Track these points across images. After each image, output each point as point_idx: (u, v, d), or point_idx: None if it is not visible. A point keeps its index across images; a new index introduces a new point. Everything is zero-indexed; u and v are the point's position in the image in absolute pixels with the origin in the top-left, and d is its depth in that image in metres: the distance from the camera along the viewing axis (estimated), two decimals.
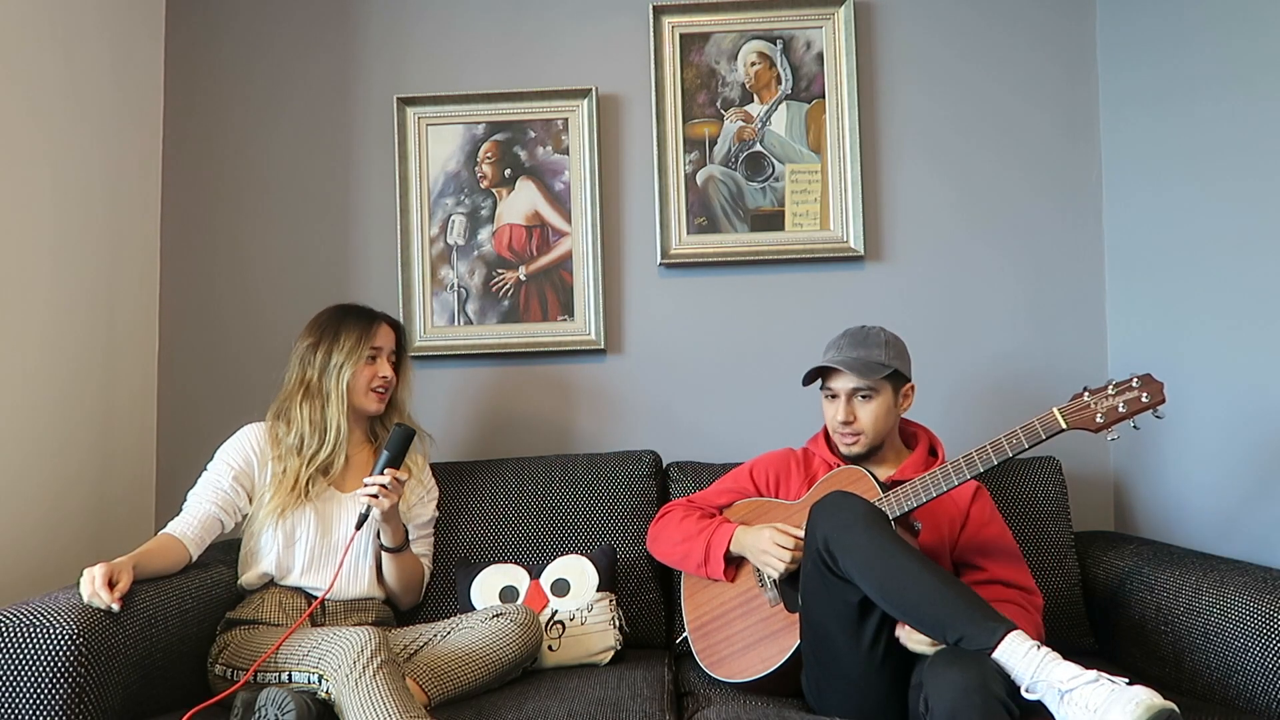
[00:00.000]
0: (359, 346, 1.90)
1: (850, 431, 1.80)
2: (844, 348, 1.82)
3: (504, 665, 1.71)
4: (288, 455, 1.87)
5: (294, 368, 1.93)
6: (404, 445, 1.84)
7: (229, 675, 1.67)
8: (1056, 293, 2.36)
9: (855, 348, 1.81)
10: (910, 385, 1.86)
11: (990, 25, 2.40)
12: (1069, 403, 1.64)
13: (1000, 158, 2.39)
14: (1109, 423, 1.61)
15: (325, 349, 1.90)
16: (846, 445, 1.82)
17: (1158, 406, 1.60)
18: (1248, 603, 1.61)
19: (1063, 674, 1.26)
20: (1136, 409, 1.60)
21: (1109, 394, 1.62)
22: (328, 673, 1.50)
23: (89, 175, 2.11)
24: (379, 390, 1.93)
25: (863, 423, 1.79)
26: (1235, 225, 1.91)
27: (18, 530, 1.87)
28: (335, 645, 1.53)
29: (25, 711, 1.39)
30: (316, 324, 1.95)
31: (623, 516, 2.10)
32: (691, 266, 2.39)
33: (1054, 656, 1.30)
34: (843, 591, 1.49)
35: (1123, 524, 2.31)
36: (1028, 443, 1.63)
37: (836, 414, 1.81)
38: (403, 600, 1.96)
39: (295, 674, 1.57)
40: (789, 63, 2.40)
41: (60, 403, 2.00)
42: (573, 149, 2.40)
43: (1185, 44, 2.06)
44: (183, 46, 2.44)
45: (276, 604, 1.81)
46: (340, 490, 1.91)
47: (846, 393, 1.79)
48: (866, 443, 1.81)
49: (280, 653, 1.60)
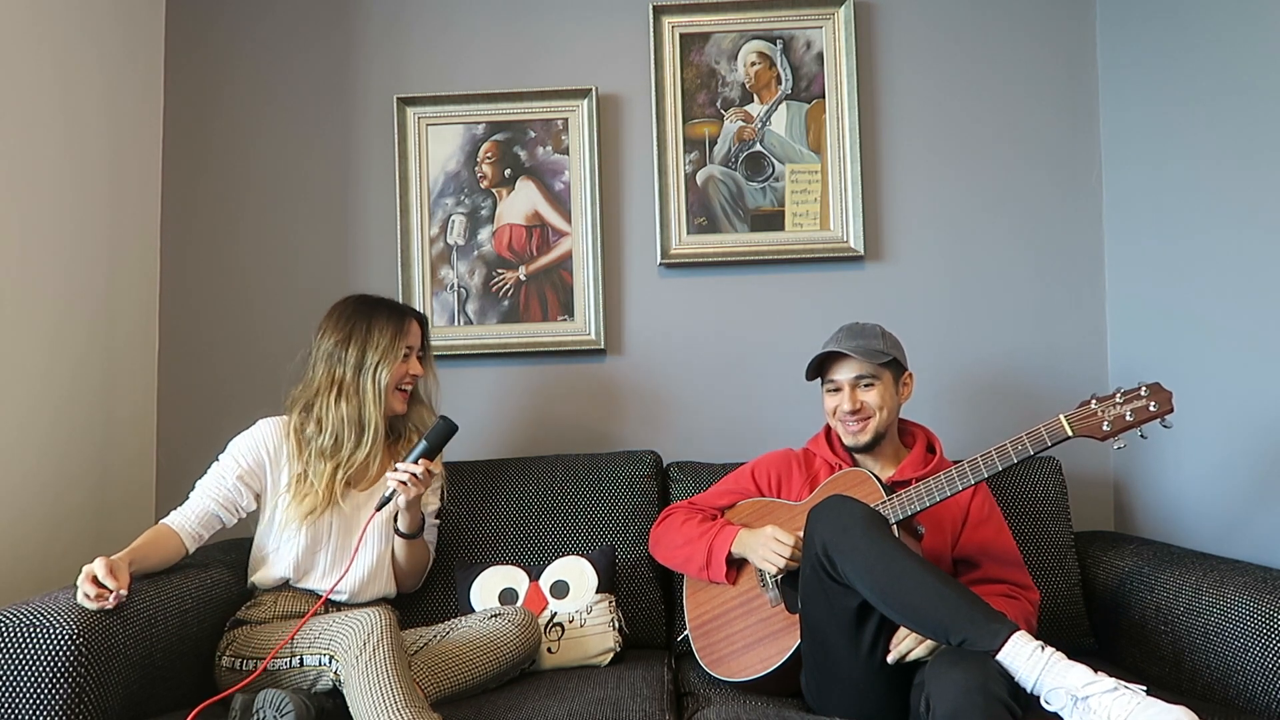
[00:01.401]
0: (395, 344, 1.84)
1: (858, 418, 1.80)
2: (842, 339, 1.83)
3: (501, 665, 1.71)
4: (317, 458, 1.81)
5: (320, 365, 1.84)
6: (444, 438, 1.81)
7: (237, 666, 1.67)
8: (1057, 293, 2.36)
9: (853, 338, 1.83)
10: (909, 374, 1.87)
11: (990, 25, 2.40)
12: (1076, 409, 1.62)
13: (1001, 158, 2.39)
14: (1115, 431, 1.58)
15: (359, 346, 1.83)
16: (854, 434, 1.82)
17: (1165, 416, 1.57)
18: (1248, 603, 1.60)
19: (1077, 679, 1.25)
20: (1144, 418, 1.57)
21: (1116, 402, 1.59)
22: (338, 654, 1.51)
23: (89, 175, 2.11)
24: (405, 389, 1.89)
25: (870, 407, 1.80)
26: (1237, 226, 1.91)
27: (18, 530, 1.86)
28: (346, 626, 1.54)
29: (25, 711, 1.39)
30: (343, 318, 1.87)
31: (623, 517, 2.10)
32: (691, 266, 2.39)
33: (1060, 657, 1.29)
34: (841, 597, 1.48)
35: (1123, 524, 2.31)
36: (1033, 449, 1.61)
37: (841, 404, 1.81)
38: (406, 583, 1.96)
39: (306, 657, 1.59)
40: (789, 63, 2.40)
41: (60, 403, 2.00)
42: (573, 149, 2.40)
43: (1185, 45, 2.06)
44: (182, 47, 2.44)
45: (290, 606, 1.79)
46: (359, 491, 1.89)
47: (850, 382, 1.80)
48: (874, 428, 1.80)
49: (294, 639, 1.62)
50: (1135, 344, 2.24)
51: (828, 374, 1.85)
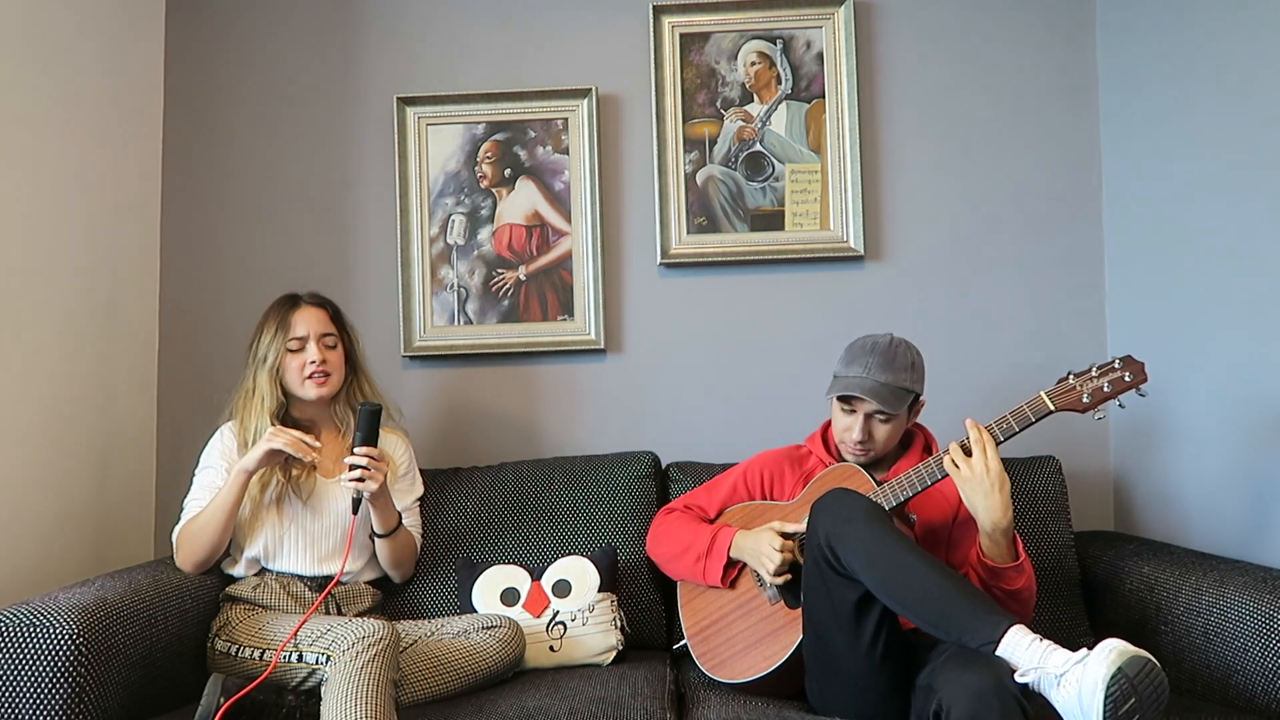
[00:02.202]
0: (276, 338, 1.89)
1: (864, 446, 1.78)
2: (872, 369, 1.76)
3: (477, 677, 1.72)
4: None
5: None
6: (372, 423, 1.82)
7: (231, 651, 1.69)
8: (1057, 293, 2.36)
9: (884, 370, 1.75)
10: (922, 401, 1.85)
11: (990, 24, 2.40)
12: (1055, 385, 1.69)
13: (1001, 157, 2.39)
14: (1095, 403, 1.66)
15: (254, 344, 1.93)
16: (855, 456, 1.81)
17: (1140, 385, 1.66)
18: (1248, 603, 1.61)
19: (1057, 661, 1.28)
20: (1121, 388, 1.66)
21: (1093, 376, 1.67)
22: (335, 655, 1.52)
23: (89, 175, 2.10)
24: (315, 376, 1.90)
25: (877, 441, 1.78)
26: (1236, 225, 1.91)
27: (18, 530, 1.86)
28: (348, 630, 1.55)
29: (25, 711, 1.39)
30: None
31: (623, 517, 2.10)
32: (691, 266, 2.39)
33: (1053, 647, 1.31)
34: (842, 589, 1.49)
35: (1123, 524, 2.31)
36: (1018, 426, 1.66)
37: (852, 431, 1.77)
38: (396, 574, 1.98)
39: (306, 654, 1.60)
40: (789, 62, 2.40)
41: (60, 402, 2.00)
42: (573, 149, 2.40)
43: (1186, 45, 2.06)
44: (182, 46, 2.44)
45: (280, 587, 1.83)
46: (325, 476, 1.92)
47: (866, 412, 1.76)
48: (874, 457, 1.81)
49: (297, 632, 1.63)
50: (1135, 343, 2.24)
51: (847, 398, 1.79)
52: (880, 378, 1.74)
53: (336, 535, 1.89)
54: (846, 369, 1.80)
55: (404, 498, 2.01)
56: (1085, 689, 1.23)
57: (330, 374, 1.92)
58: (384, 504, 1.86)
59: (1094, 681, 1.22)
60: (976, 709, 1.27)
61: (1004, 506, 1.57)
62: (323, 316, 1.95)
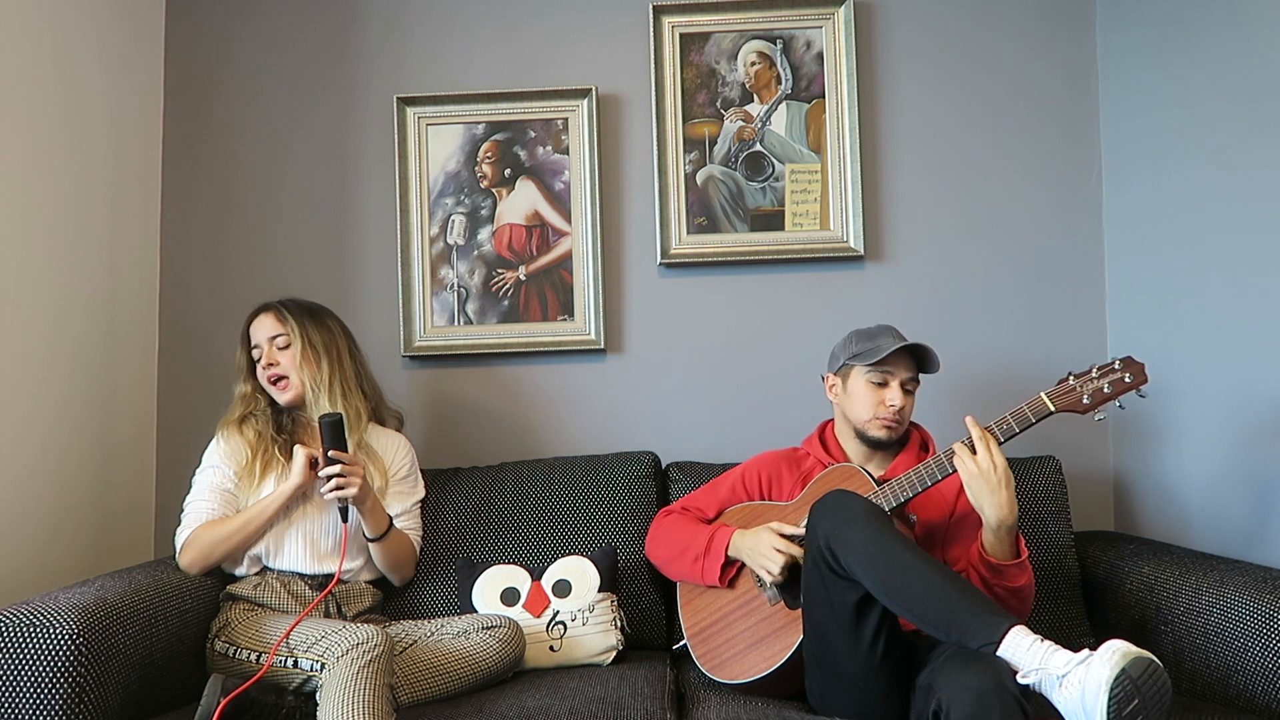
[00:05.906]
0: (243, 350, 1.98)
1: (899, 420, 1.80)
2: (899, 337, 1.82)
3: (476, 679, 1.72)
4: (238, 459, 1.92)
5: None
6: (335, 432, 1.79)
7: (230, 653, 1.69)
8: (1056, 293, 2.36)
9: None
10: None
11: (990, 25, 2.40)
12: (1055, 386, 1.68)
13: (1001, 157, 2.39)
14: (1095, 404, 1.66)
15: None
16: (890, 430, 1.80)
17: (1141, 386, 1.66)
18: (1248, 603, 1.61)
19: (1059, 661, 1.28)
20: (1121, 389, 1.66)
21: (1093, 377, 1.67)
22: (329, 662, 1.52)
23: (89, 175, 2.11)
24: (276, 382, 1.93)
25: (907, 411, 1.82)
26: (1236, 225, 1.91)
27: (18, 530, 1.86)
28: (343, 636, 1.55)
29: (25, 711, 1.39)
30: None
31: (623, 517, 2.10)
32: (691, 266, 2.39)
33: (1054, 647, 1.31)
34: (842, 590, 1.49)
35: (1123, 524, 2.31)
36: (1018, 427, 1.66)
37: (892, 399, 1.79)
38: (394, 578, 1.98)
39: (302, 660, 1.60)
40: (789, 62, 2.40)
41: (61, 403, 2.00)
42: (573, 149, 2.40)
43: (1185, 44, 2.06)
44: (182, 46, 2.44)
45: (281, 586, 1.83)
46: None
47: (902, 379, 1.80)
48: (902, 431, 1.83)
49: (292, 637, 1.63)
50: (1134, 345, 2.24)
51: (885, 364, 1.80)
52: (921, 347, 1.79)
53: (336, 533, 1.89)
54: (873, 341, 1.82)
55: (404, 500, 2.01)
56: (1089, 690, 1.22)
57: (286, 376, 1.92)
58: (371, 507, 1.86)
59: (1098, 682, 1.22)
60: (976, 709, 1.27)
61: (1010, 503, 1.57)
62: (272, 318, 1.95)
